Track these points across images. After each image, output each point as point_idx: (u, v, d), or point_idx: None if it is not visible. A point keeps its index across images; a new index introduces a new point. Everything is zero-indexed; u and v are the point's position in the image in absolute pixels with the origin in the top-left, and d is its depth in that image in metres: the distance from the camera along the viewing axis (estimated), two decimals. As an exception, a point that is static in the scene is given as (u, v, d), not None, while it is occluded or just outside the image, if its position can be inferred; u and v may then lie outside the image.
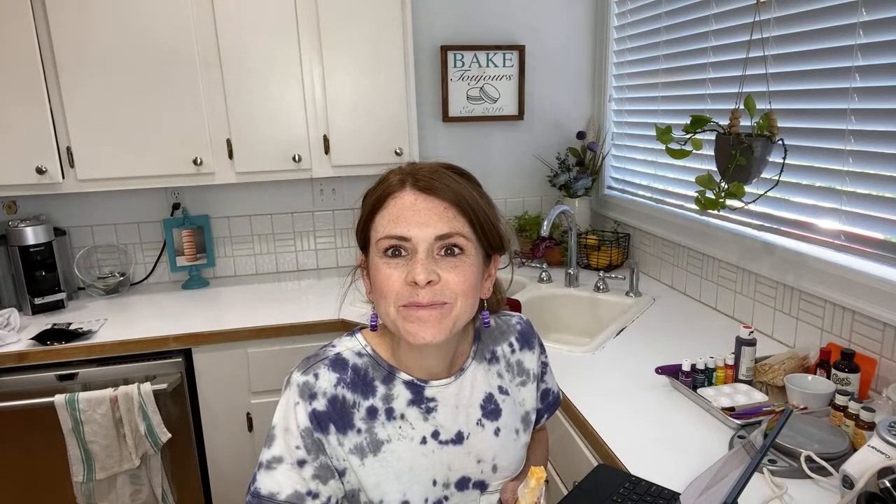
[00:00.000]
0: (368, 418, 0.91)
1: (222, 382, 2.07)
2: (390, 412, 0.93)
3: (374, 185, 0.91)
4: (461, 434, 0.96)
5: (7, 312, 2.07)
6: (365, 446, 0.91)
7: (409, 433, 0.93)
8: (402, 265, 0.85)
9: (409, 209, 0.84)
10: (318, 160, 2.30)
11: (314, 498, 0.88)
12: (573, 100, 2.79)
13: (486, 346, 1.02)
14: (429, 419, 0.94)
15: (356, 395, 0.91)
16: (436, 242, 0.84)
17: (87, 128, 2.09)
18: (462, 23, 2.62)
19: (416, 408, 0.94)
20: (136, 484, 1.98)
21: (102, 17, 2.03)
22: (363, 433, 0.91)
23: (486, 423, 0.98)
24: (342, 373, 0.91)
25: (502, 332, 1.05)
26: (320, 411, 0.88)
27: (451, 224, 0.85)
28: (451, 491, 0.96)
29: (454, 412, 0.96)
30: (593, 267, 2.51)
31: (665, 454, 1.22)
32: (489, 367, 1.01)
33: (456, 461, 0.96)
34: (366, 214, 0.90)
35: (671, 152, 1.73)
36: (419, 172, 0.87)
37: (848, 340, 1.51)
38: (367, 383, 0.92)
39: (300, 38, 2.19)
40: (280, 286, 2.51)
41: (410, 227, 0.84)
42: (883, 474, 0.96)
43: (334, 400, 0.89)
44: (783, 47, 1.65)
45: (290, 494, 0.87)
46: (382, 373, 0.94)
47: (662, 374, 1.54)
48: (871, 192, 1.45)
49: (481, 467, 0.97)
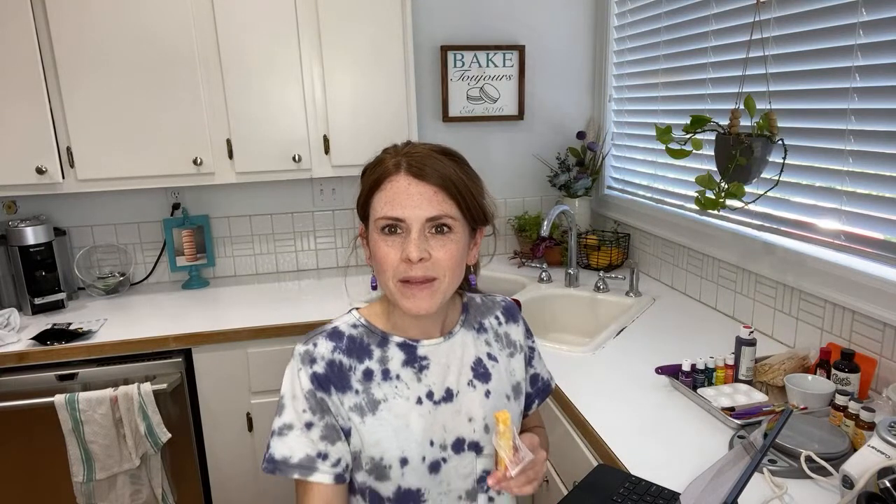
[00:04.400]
0: (364, 380, 1.00)
1: (222, 382, 2.07)
2: (386, 373, 1.01)
3: (372, 165, 1.00)
4: (451, 391, 1.03)
5: (7, 312, 2.07)
6: (363, 405, 0.98)
7: (404, 392, 1.01)
8: (398, 243, 0.94)
9: (403, 193, 0.93)
10: (318, 160, 2.30)
11: (324, 459, 0.95)
12: (573, 100, 2.79)
13: (473, 318, 1.11)
14: (422, 379, 1.02)
15: (352, 360, 1.00)
16: (427, 223, 0.94)
17: (87, 128, 2.09)
18: (462, 23, 2.62)
19: (409, 368, 1.02)
20: (136, 484, 1.98)
21: (102, 17, 2.03)
22: (360, 394, 0.99)
23: (477, 385, 1.06)
24: (338, 341, 1.01)
25: (488, 307, 1.15)
26: (320, 373, 0.97)
27: (440, 207, 0.94)
28: (449, 453, 1.02)
29: (445, 371, 1.04)
30: (593, 267, 2.51)
31: (665, 454, 1.22)
32: (478, 336, 1.10)
33: (449, 421, 1.02)
34: (365, 192, 0.99)
35: (671, 152, 1.73)
36: (412, 157, 0.96)
37: (848, 340, 1.51)
38: (362, 348, 1.02)
39: (300, 37, 2.19)
40: (280, 286, 2.51)
41: (405, 209, 0.93)
42: (883, 474, 0.96)
43: (332, 363, 0.98)
44: (783, 47, 1.65)
45: (301, 458, 0.94)
46: (377, 338, 1.03)
47: (662, 374, 1.54)
48: (871, 192, 1.45)
49: (473, 426, 1.03)
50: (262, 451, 2.13)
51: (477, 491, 1.05)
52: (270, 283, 2.56)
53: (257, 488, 2.18)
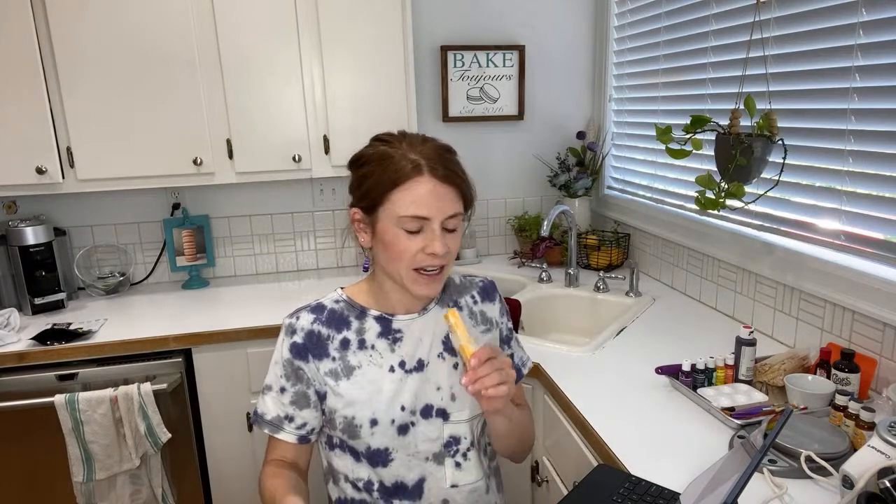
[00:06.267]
0: (342, 348, 1.12)
1: (222, 382, 2.07)
2: (362, 343, 1.13)
3: (379, 159, 1.06)
4: (422, 362, 1.14)
5: (7, 312, 2.07)
6: (339, 371, 1.11)
7: (378, 361, 1.12)
8: (419, 237, 1.04)
9: (430, 195, 1.03)
10: (318, 160, 2.30)
11: (290, 421, 1.12)
12: (573, 100, 2.79)
13: (449, 296, 1.22)
14: (395, 350, 1.14)
15: (330, 330, 1.13)
16: (445, 220, 1.05)
17: (87, 128, 2.09)
18: (462, 23, 2.62)
19: (384, 339, 1.14)
20: (136, 484, 1.98)
21: (102, 16, 2.03)
22: (337, 360, 1.12)
23: (447, 357, 1.16)
24: (319, 314, 1.14)
25: (466, 287, 1.25)
26: (299, 343, 1.11)
27: (456, 206, 1.06)
28: (417, 418, 1.12)
29: (417, 343, 1.15)
30: (593, 267, 2.51)
31: (665, 454, 1.22)
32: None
33: (419, 389, 1.13)
34: (381, 187, 1.04)
35: (671, 152, 1.73)
36: (431, 160, 1.04)
37: (848, 340, 1.51)
38: (341, 320, 1.14)
39: (300, 37, 2.19)
40: (280, 286, 2.51)
41: (430, 209, 1.03)
42: (883, 474, 0.96)
43: (310, 334, 1.12)
44: (783, 47, 1.65)
45: (273, 417, 1.14)
46: (356, 312, 1.15)
47: (662, 374, 1.54)
48: (871, 192, 1.45)
49: (441, 395, 1.14)
50: (262, 450, 2.12)
51: (444, 455, 1.15)
52: (270, 283, 2.56)
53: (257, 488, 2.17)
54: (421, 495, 1.14)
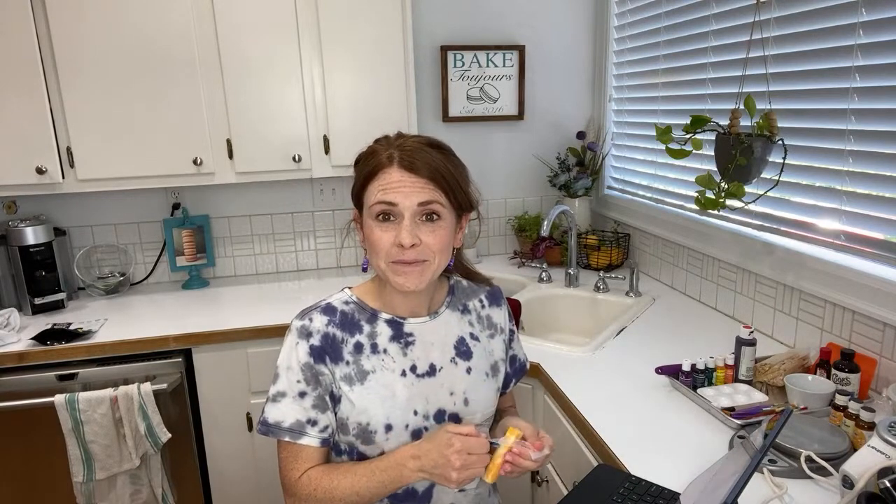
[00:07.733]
0: (355, 352, 1.09)
1: (222, 382, 2.07)
2: (374, 347, 1.10)
3: (365, 156, 1.09)
4: (434, 367, 1.12)
5: (7, 312, 2.07)
6: (353, 376, 1.08)
7: (390, 365, 1.10)
8: (391, 228, 1.03)
9: (396, 183, 1.02)
10: (318, 160, 2.30)
11: (313, 425, 1.06)
12: (573, 100, 2.79)
13: (458, 300, 1.21)
14: (407, 353, 1.11)
15: (344, 333, 1.09)
16: (418, 209, 1.02)
17: (87, 128, 2.09)
18: (462, 23, 2.62)
19: (396, 343, 1.11)
20: (136, 484, 1.98)
21: (102, 17, 2.03)
22: (351, 365, 1.08)
23: (459, 362, 1.15)
24: (332, 316, 1.10)
25: (474, 290, 1.24)
26: (316, 346, 1.06)
27: (430, 195, 1.03)
28: (430, 422, 1.10)
29: (429, 347, 1.13)
30: (593, 267, 2.51)
31: (665, 454, 1.22)
32: (462, 317, 1.19)
33: (432, 393, 1.11)
34: (360, 182, 1.07)
35: (671, 152, 1.73)
36: (404, 150, 1.03)
37: (848, 340, 1.51)
38: (353, 323, 1.11)
39: (300, 37, 2.19)
40: (280, 286, 2.51)
41: (397, 196, 1.01)
42: (883, 474, 0.96)
43: (326, 336, 1.07)
44: (783, 47, 1.65)
45: (292, 423, 1.05)
46: (366, 315, 1.12)
47: (662, 374, 1.54)
48: (871, 192, 1.45)
49: (454, 399, 1.12)
50: (262, 451, 2.13)
51: None
52: (270, 283, 2.56)
53: (257, 488, 2.18)
54: (429, 501, 1.13)
